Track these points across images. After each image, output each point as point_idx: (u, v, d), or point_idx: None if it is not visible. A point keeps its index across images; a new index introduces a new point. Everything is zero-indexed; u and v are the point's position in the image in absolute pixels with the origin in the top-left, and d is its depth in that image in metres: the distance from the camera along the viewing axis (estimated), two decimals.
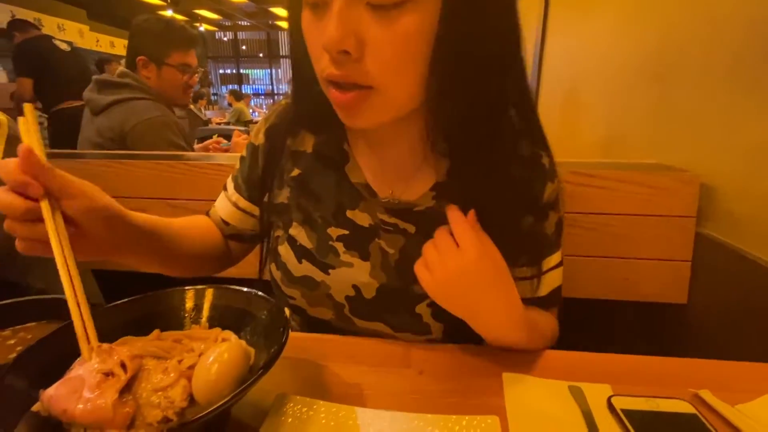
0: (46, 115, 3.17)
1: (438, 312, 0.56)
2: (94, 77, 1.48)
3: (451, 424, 0.42)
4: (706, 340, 0.91)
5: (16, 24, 3.31)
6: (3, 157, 0.77)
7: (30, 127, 0.42)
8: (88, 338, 0.40)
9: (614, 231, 0.97)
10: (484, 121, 0.50)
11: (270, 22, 11.42)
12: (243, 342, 0.45)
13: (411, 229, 0.58)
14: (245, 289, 0.51)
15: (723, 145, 0.88)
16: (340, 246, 0.59)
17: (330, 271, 0.59)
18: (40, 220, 0.41)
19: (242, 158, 0.69)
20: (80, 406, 0.35)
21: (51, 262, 0.41)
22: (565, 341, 0.62)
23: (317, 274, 0.59)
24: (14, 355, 0.48)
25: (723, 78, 0.88)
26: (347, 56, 0.42)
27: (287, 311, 0.46)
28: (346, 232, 0.59)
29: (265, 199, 0.66)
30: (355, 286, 0.58)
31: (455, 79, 0.45)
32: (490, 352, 0.57)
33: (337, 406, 0.44)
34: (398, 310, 0.58)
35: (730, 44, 0.85)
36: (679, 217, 0.94)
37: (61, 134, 3.11)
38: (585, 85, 1.66)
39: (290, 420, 0.42)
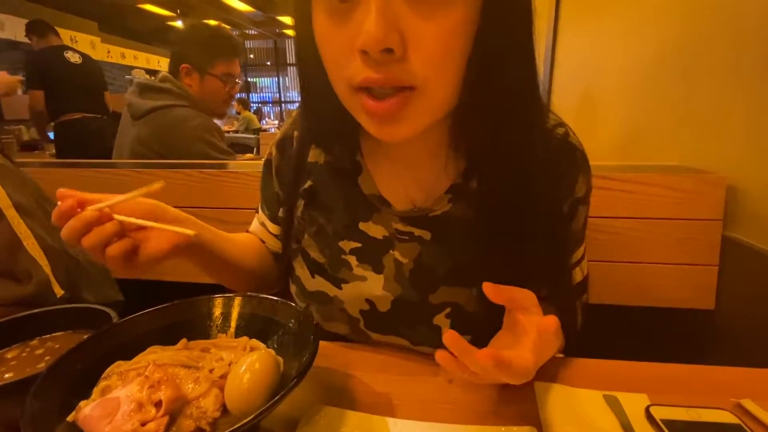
0: (52, 124, 3.23)
1: (459, 323, 0.54)
2: (136, 81, 1.47)
3: None
4: (735, 346, 0.89)
5: (34, 27, 3.34)
6: (5, 191, 0.75)
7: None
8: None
9: (638, 235, 0.95)
10: (510, 116, 0.47)
11: (277, 31, 11.54)
12: (272, 351, 0.45)
13: (426, 236, 0.55)
14: (272, 298, 0.51)
15: (750, 144, 0.86)
16: (352, 259, 0.57)
17: (343, 285, 0.57)
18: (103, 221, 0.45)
19: (262, 177, 0.69)
20: (108, 428, 0.35)
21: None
22: (592, 348, 0.61)
23: (330, 289, 0.58)
24: (43, 364, 0.48)
25: (750, 74, 0.86)
26: (389, 55, 0.38)
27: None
28: (359, 244, 0.57)
29: (281, 213, 0.65)
30: (368, 300, 0.57)
31: (492, 72, 0.43)
32: None
33: (369, 417, 0.43)
34: (415, 322, 0.56)
35: (756, 39, 0.84)
36: (705, 220, 0.92)
37: (68, 145, 3.17)
38: (601, 84, 1.64)
39: (322, 431, 0.42)
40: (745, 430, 0.42)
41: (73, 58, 3.22)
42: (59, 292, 0.75)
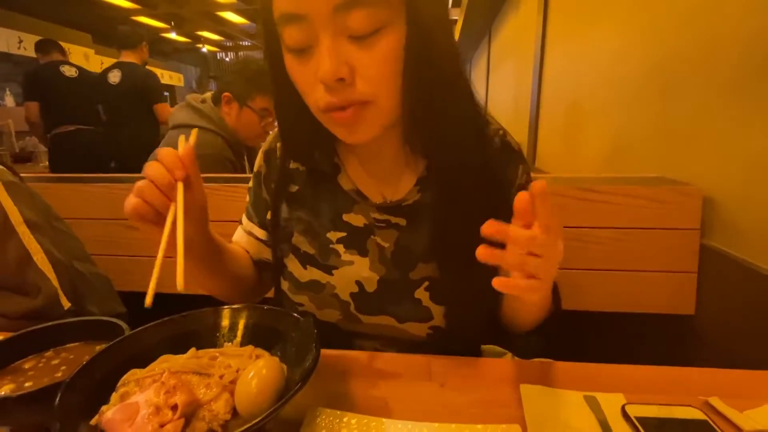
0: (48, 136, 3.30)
1: (436, 295, 0.62)
2: (187, 97, 1.52)
3: None
4: (715, 349, 0.93)
5: (40, 45, 3.44)
6: (17, 208, 0.79)
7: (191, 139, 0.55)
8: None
9: (620, 244, 0.99)
10: (449, 120, 0.57)
11: None
12: (276, 358, 0.48)
13: (402, 222, 0.64)
14: (275, 309, 0.54)
15: (724, 158, 0.91)
16: (340, 247, 0.65)
17: (333, 271, 0.64)
18: (170, 194, 0.51)
19: (249, 189, 0.75)
20: (130, 430, 0.38)
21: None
22: (576, 353, 0.64)
23: (322, 277, 0.64)
24: (60, 374, 0.51)
25: (723, 92, 0.91)
26: (342, 83, 0.49)
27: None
28: (344, 234, 0.65)
29: (268, 217, 0.71)
30: (358, 282, 0.64)
31: (422, 86, 0.53)
32: (506, 365, 0.60)
33: (367, 418, 0.47)
34: (400, 299, 0.63)
35: (730, 59, 0.89)
36: (683, 229, 0.96)
37: (61, 157, 3.25)
38: (586, 100, 1.70)
39: (323, 431, 0.45)
40: (711, 425, 0.46)
41: (69, 72, 3.28)
42: (66, 304, 0.78)
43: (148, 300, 0.45)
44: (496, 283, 0.41)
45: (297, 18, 0.48)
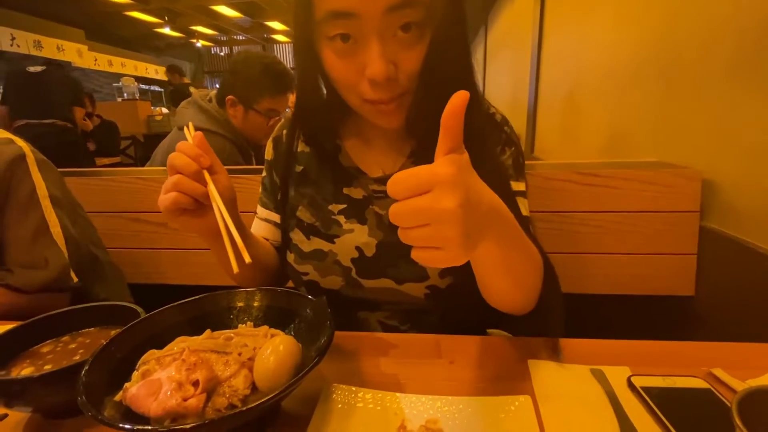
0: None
1: None
2: (193, 94, 1.51)
3: (488, 404, 0.46)
4: (715, 328, 0.95)
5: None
6: (45, 183, 0.83)
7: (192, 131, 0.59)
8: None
9: (621, 228, 1.01)
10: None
11: (265, 36, 11.55)
12: (292, 336, 0.49)
13: None
14: (288, 290, 0.55)
15: (723, 141, 0.92)
16: (341, 218, 0.69)
17: (335, 240, 0.69)
18: (200, 182, 0.55)
19: (263, 178, 0.80)
20: (154, 404, 0.39)
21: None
22: (578, 336, 0.66)
23: (325, 246, 0.69)
24: (78, 357, 0.52)
25: (722, 76, 0.92)
26: (389, 80, 0.54)
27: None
28: (345, 206, 0.70)
29: (279, 197, 0.76)
30: (358, 248, 0.68)
31: (433, 76, 0.57)
32: (512, 343, 0.61)
33: (381, 393, 0.48)
34: (398, 260, 0.66)
35: (728, 43, 0.90)
36: (683, 212, 0.98)
37: None
38: (585, 87, 1.71)
39: (340, 406, 0.46)
40: (714, 393, 0.47)
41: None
42: (74, 278, 0.82)
43: (235, 267, 0.51)
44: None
45: (346, 16, 0.51)
